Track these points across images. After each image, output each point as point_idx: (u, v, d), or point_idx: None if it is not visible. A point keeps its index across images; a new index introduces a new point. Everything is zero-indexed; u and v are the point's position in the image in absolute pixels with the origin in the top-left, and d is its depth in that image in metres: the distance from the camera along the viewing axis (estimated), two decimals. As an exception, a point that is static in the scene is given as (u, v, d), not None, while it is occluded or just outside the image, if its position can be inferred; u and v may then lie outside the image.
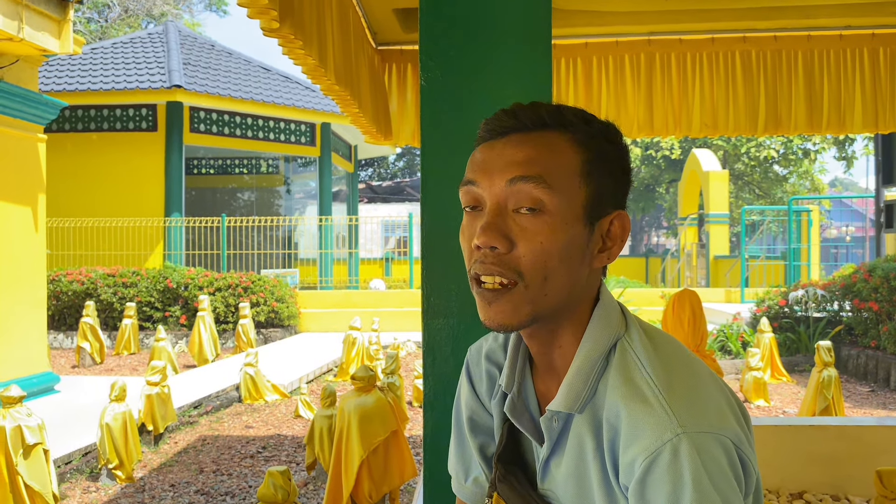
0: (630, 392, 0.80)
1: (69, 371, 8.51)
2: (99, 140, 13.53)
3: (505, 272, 0.83)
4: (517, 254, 0.83)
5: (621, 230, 0.90)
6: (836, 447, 3.47)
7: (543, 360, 0.93)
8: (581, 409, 0.85)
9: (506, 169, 0.85)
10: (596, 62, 3.73)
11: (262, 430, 5.92)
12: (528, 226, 0.83)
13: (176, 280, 10.76)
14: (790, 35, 3.66)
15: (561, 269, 0.85)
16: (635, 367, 0.83)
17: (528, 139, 0.86)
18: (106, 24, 26.23)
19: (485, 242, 0.83)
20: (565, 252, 0.84)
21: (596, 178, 0.87)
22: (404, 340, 9.79)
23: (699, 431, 0.76)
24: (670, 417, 0.76)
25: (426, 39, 1.57)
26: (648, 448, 0.75)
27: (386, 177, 33.83)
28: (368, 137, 3.78)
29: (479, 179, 0.87)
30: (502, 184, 0.84)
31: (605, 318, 0.89)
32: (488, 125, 0.90)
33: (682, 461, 0.74)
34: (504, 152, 0.86)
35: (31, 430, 3.85)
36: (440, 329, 1.55)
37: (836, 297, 8.87)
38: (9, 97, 6.08)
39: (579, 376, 0.85)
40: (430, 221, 1.55)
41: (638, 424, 0.78)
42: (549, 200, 0.83)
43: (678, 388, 0.80)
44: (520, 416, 0.93)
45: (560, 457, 0.88)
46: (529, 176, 0.83)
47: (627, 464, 0.77)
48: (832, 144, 20.98)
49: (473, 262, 0.86)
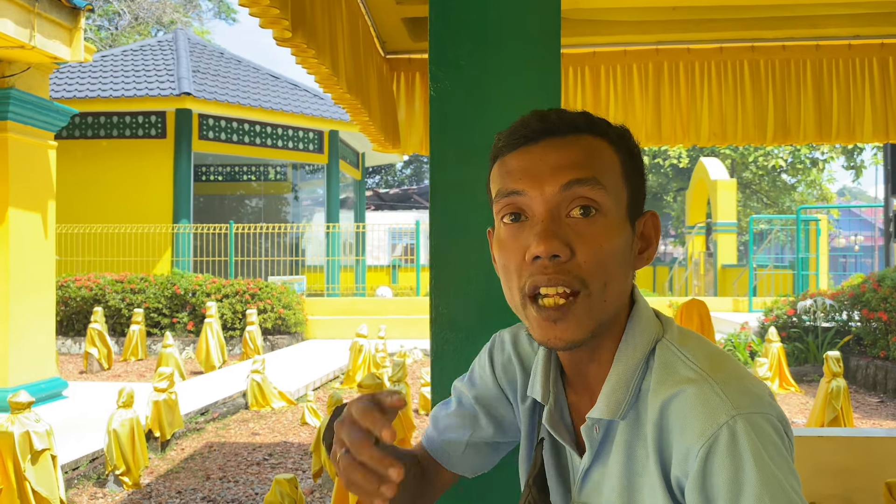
0: (678, 383, 0.79)
1: (77, 377, 8.54)
2: (108, 147, 13.62)
3: (569, 281, 0.80)
4: (578, 261, 0.80)
5: (655, 229, 0.90)
6: (844, 459, 3.44)
7: (579, 369, 0.90)
8: (624, 415, 0.83)
9: (556, 174, 0.82)
10: (604, 71, 3.74)
11: (268, 437, 5.93)
12: (585, 230, 0.81)
13: (184, 286, 10.79)
14: (799, 45, 3.65)
15: (618, 273, 0.83)
16: (679, 360, 0.82)
17: (569, 143, 0.84)
18: (116, 31, 26.42)
19: (546, 251, 0.79)
20: (620, 254, 0.83)
21: (632, 178, 0.87)
22: (411, 348, 9.78)
23: (752, 412, 0.74)
24: (723, 400, 0.75)
25: (435, 49, 1.58)
26: (704, 433, 0.74)
27: (393, 184, 33.89)
28: (376, 145, 3.79)
29: (524, 188, 0.83)
30: (555, 189, 0.81)
31: (643, 321, 0.87)
32: (514, 132, 0.87)
33: (742, 442, 0.72)
34: (547, 157, 0.83)
35: (40, 436, 3.86)
36: (448, 338, 1.55)
37: (844, 307, 8.82)
38: (20, 104, 6.12)
39: (621, 381, 0.83)
40: (438, 231, 1.55)
41: (688, 412, 0.76)
42: (603, 202, 0.82)
43: (725, 372, 0.79)
44: (558, 428, 0.90)
45: (604, 466, 0.85)
46: (584, 179, 0.81)
47: (682, 453, 0.75)
48: (841, 153, 20.92)
49: (528, 276, 0.81)
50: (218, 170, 19.22)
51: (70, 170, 12.05)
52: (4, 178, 6.10)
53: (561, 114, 0.86)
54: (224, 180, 19.36)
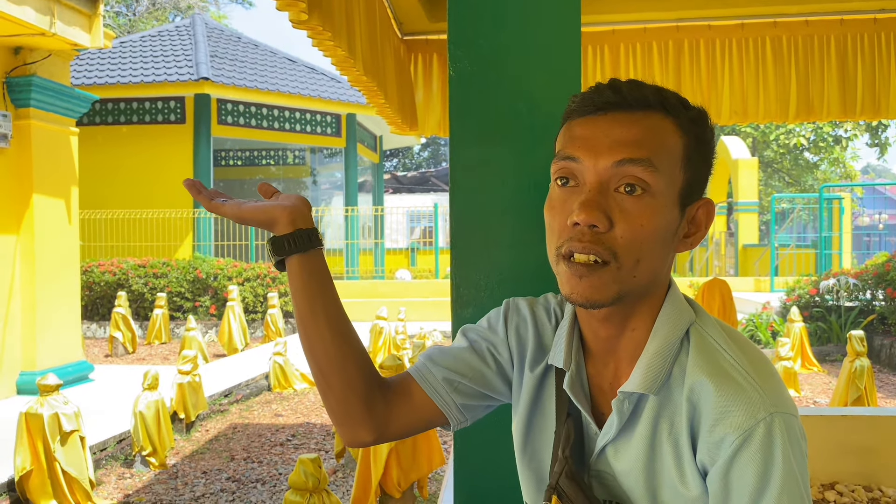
0: (716, 372, 0.81)
1: (102, 360, 8.68)
2: (129, 133, 13.72)
3: (601, 251, 0.82)
4: (615, 234, 0.82)
5: (706, 217, 0.90)
6: (868, 438, 3.42)
7: (606, 343, 0.92)
8: (657, 390, 0.85)
9: (614, 149, 0.83)
10: (623, 49, 3.70)
11: (291, 418, 6.00)
12: (629, 207, 0.82)
13: (205, 270, 10.89)
14: (822, 20, 3.58)
15: (653, 253, 0.84)
16: (716, 350, 0.84)
17: (635, 119, 0.84)
18: (134, 17, 26.52)
19: (585, 220, 0.81)
20: (660, 236, 0.84)
21: (694, 163, 0.87)
22: (430, 330, 9.80)
23: (786, 412, 0.78)
24: (762, 397, 0.78)
25: (454, 29, 1.57)
26: (742, 425, 0.77)
27: (411, 167, 33.86)
28: (394, 128, 3.79)
29: (581, 156, 0.85)
30: (608, 164, 0.83)
31: (679, 302, 0.89)
32: (587, 98, 0.87)
33: (776, 440, 0.76)
34: (610, 131, 0.84)
35: (68, 418, 3.94)
36: (469, 319, 1.56)
37: (868, 286, 8.72)
38: (42, 91, 6.19)
39: (658, 357, 0.85)
40: (458, 212, 1.55)
41: (728, 402, 0.78)
42: (654, 183, 0.83)
43: (762, 371, 0.82)
44: (578, 396, 0.92)
45: (628, 439, 0.87)
46: (639, 159, 0.82)
47: (715, 441, 0.78)
48: (864, 131, 20.56)
49: (566, 239, 0.84)
50: (237, 154, 19.31)
51: (91, 156, 12.16)
52: (28, 165, 6.18)
53: (633, 86, 0.86)
54: (243, 165, 19.46)
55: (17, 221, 6.19)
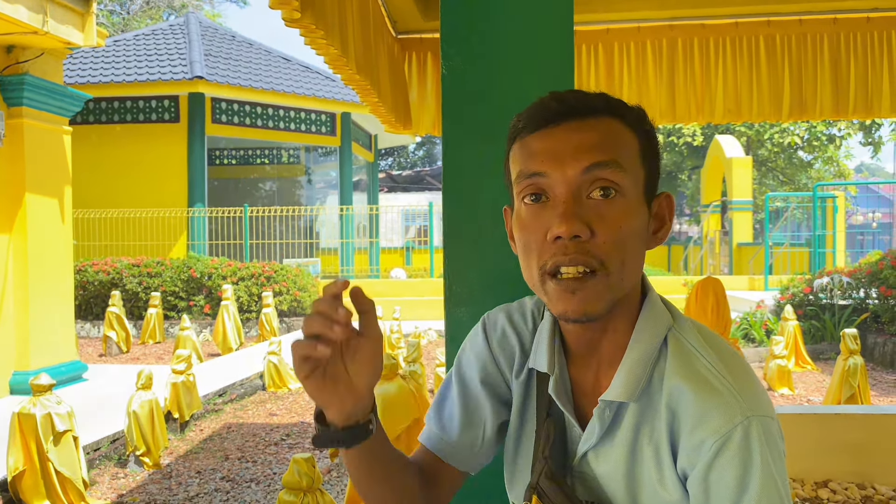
0: (694, 377, 0.82)
1: (96, 360, 8.65)
2: (123, 131, 13.67)
3: (588, 260, 0.82)
4: (597, 241, 0.82)
5: (669, 210, 0.92)
6: (861, 436, 3.43)
7: (588, 347, 0.92)
8: (638, 397, 0.85)
9: (578, 156, 0.83)
10: (617, 48, 3.70)
11: (285, 417, 5.99)
12: (605, 211, 0.83)
13: (200, 270, 10.87)
14: (815, 18, 3.59)
15: (635, 253, 0.85)
16: (693, 355, 0.85)
17: (589, 125, 0.85)
18: (128, 16, 26.44)
19: (567, 231, 0.81)
20: (637, 235, 0.85)
21: (649, 159, 0.88)
22: (425, 329, 9.82)
23: (763, 415, 0.79)
24: (738, 401, 0.79)
25: (447, 27, 1.57)
26: (719, 430, 0.77)
27: (406, 166, 33.84)
28: (388, 127, 3.78)
29: (546, 169, 0.84)
30: (577, 171, 0.83)
31: (657, 307, 0.90)
32: (534, 114, 0.87)
33: (753, 443, 0.77)
34: (569, 139, 0.84)
35: (61, 418, 3.92)
36: (462, 317, 1.55)
37: (862, 285, 8.75)
38: (35, 90, 6.16)
39: (638, 365, 0.86)
40: (452, 210, 1.55)
41: (706, 407, 0.79)
42: (623, 184, 0.84)
43: (738, 374, 0.82)
44: (561, 398, 0.92)
45: (610, 445, 0.87)
46: (606, 161, 0.83)
47: (694, 446, 0.79)
48: (858, 129, 20.62)
49: (550, 256, 0.83)
50: (231, 153, 19.27)
51: (85, 155, 12.12)
52: (21, 164, 6.15)
53: (579, 95, 0.87)
54: (238, 164, 19.42)
55: (10, 221, 6.16)
